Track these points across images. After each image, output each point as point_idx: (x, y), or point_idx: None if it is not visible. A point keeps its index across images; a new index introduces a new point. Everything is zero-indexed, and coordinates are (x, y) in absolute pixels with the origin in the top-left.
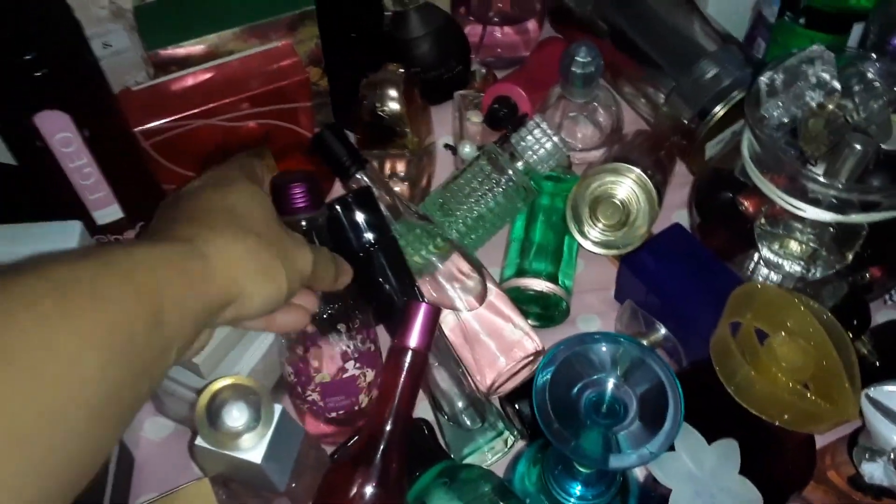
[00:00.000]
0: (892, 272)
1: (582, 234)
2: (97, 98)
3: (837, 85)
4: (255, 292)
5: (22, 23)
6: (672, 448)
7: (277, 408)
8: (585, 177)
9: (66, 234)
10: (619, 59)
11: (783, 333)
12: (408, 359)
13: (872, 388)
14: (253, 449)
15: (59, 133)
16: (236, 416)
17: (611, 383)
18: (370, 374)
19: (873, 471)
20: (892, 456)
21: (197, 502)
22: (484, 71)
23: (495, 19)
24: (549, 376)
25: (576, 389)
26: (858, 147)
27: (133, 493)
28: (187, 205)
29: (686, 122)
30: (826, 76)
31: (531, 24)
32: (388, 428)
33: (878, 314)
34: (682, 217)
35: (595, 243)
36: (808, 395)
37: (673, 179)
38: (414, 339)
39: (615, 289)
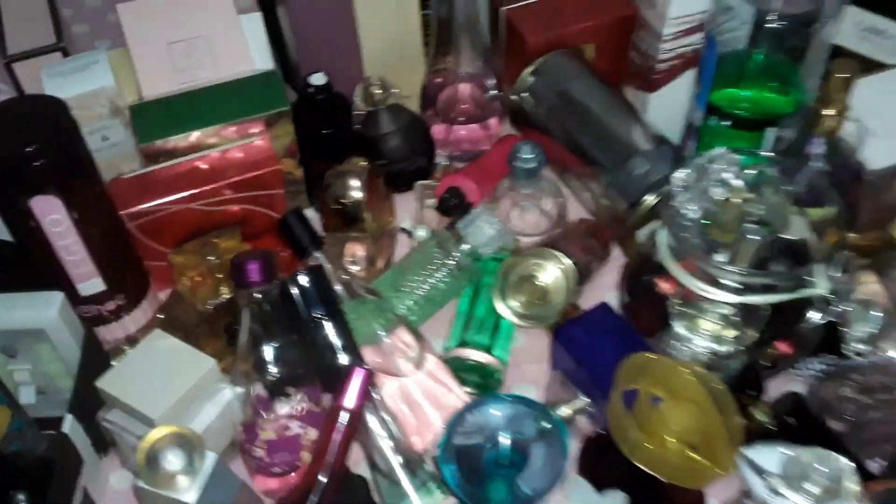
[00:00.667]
0: (797, 348)
1: (505, 305)
2: (87, 185)
3: (737, 182)
4: None
5: (25, 119)
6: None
7: (211, 455)
8: (515, 257)
9: (48, 304)
10: (566, 156)
11: (673, 399)
12: (343, 418)
13: (747, 448)
14: (187, 491)
15: (51, 215)
16: (172, 460)
17: (506, 439)
18: (313, 433)
19: None
20: None
21: None
22: (446, 164)
23: (459, 119)
24: (450, 446)
25: (480, 447)
26: (753, 237)
27: None
28: None
29: (620, 212)
30: (728, 174)
31: (493, 122)
32: (322, 481)
33: (790, 384)
34: (614, 296)
35: (515, 314)
36: (689, 453)
37: (610, 262)
38: (350, 401)
39: (549, 360)
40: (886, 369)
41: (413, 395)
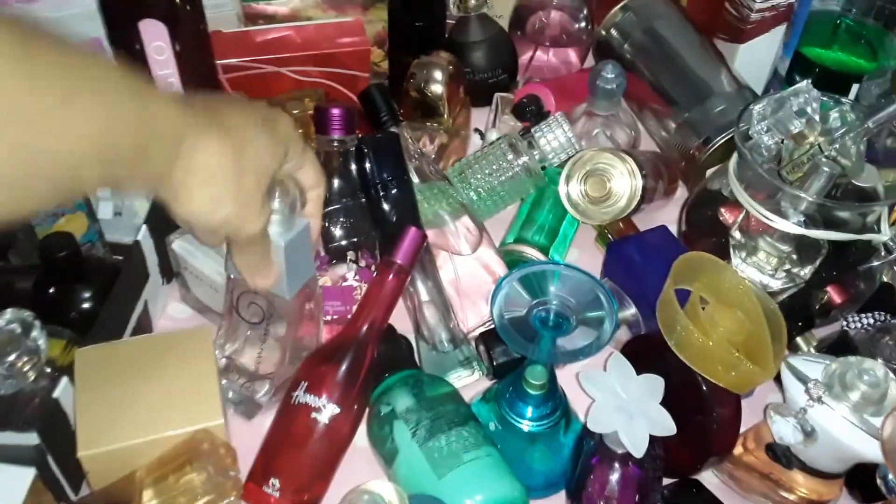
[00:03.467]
0: (847, 298)
1: (567, 186)
2: (192, 24)
3: (816, 115)
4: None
5: None
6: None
7: (304, 220)
8: (595, 150)
9: None
10: (646, 92)
11: (720, 303)
12: (392, 271)
13: (791, 356)
14: (279, 234)
15: (156, 42)
16: (277, 201)
17: (554, 303)
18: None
19: (782, 430)
20: (799, 416)
21: (199, 340)
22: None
23: (546, 44)
24: (502, 298)
25: (527, 310)
26: (826, 170)
27: None
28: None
29: (692, 148)
30: (807, 108)
31: (575, 53)
32: (364, 329)
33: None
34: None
35: (570, 200)
36: (734, 351)
37: (674, 199)
38: (401, 256)
39: (601, 272)
40: None
41: (467, 281)
